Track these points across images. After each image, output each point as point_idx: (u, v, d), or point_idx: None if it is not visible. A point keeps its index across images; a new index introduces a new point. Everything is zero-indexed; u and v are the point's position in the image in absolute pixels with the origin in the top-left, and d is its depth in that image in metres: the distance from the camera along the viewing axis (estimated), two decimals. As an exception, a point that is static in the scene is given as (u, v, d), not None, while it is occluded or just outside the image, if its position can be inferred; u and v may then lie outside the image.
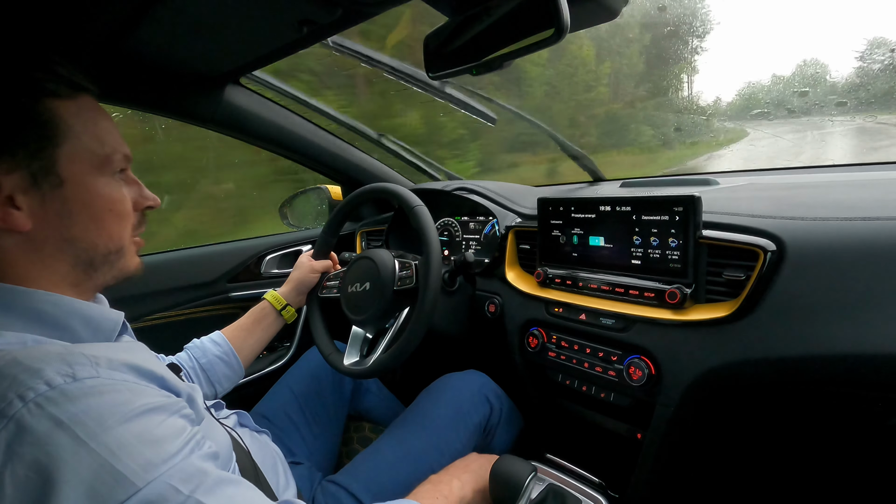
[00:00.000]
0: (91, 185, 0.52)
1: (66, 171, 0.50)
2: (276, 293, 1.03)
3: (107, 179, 0.54)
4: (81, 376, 0.41)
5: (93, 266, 0.54)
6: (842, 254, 0.68)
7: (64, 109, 0.51)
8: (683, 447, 0.92)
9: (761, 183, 1.13)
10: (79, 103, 0.53)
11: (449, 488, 0.73)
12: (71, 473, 0.36)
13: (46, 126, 0.49)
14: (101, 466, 0.37)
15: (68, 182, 0.50)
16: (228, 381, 0.93)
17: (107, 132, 0.55)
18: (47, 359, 0.41)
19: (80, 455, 0.37)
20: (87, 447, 0.37)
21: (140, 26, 0.78)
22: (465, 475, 0.78)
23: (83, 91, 0.54)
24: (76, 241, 0.52)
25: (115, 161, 0.55)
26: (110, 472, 0.37)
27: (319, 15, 0.75)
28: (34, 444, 0.37)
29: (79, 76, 0.53)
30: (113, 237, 0.55)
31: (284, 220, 1.66)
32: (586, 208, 0.95)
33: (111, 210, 0.54)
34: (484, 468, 0.81)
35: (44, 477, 0.36)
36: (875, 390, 0.71)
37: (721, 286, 0.80)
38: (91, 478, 0.37)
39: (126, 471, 0.38)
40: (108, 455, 0.38)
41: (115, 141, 0.55)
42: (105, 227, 0.54)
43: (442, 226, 1.37)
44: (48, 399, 0.38)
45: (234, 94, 1.15)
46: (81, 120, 0.52)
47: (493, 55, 0.67)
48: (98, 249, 0.54)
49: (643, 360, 0.85)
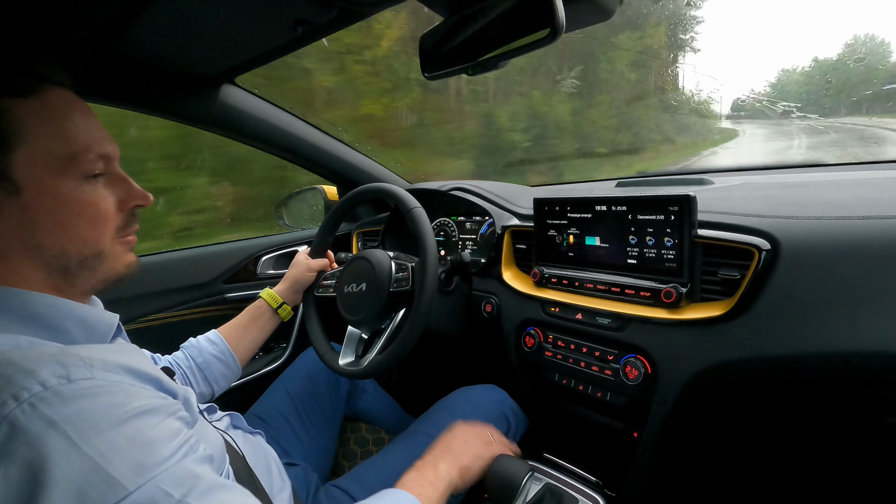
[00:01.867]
0: (54, 189, 0.48)
1: (23, 178, 0.46)
2: (272, 291, 1.03)
3: (74, 182, 0.50)
4: (76, 377, 0.41)
5: (69, 272, 0.51)
6: (836, 252, 0.69)
7: (21, 109, 0.47)
8: (680, 445, 0.92)
9: (756, 182, 1.13)
10: (43, 100, 0.48)
11: (434, 473, 0.72)
12: (61, 475, 0.36)
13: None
14: (92, 469, 0.37)
15: (26, 188, 0.47)
16: (225, 379, 0.93)
17: (77, 130, 0.50)
18: (42, 360, 0.41)
19: (71, 457, 0.37)
20: (78, 450, 0.37)
21: (134, 26, 0.78)
22: (448, 456, 0.76)
23: (53, 85, 0.50)
24: (43, 249, 0.49)
25: (84, 161, 0.50)
26: (101, 476, 0.37)
27: (315, 15, 0.75)
28: (27, 444, 0.37)
29: (49, 68, 0.49)
30: (87, 242, 0.52)
31: (280, 220, 1.65)
32: (582, 208, 0.95)
33: (80, 214, 0.50)
34: (464, 446, 0.79)
35: (34, 477, 0.36)
36: (870, 388, 0.71)
37: (716, 285, 0.80)
38: (81, 480, 0.37)
39: (117, 474, 0.38)
40: (100, 458, 0.38)
41: (88, 139, 0.51)
42: (75, 233, 0.50)
43: (438, 226, 1.37)
44: (42, 400, 0.38)
45: (230, 94, 1.15)
46: (43, 119, 0.48)
47: (488, 55, 0.68)
48: (71, 255, 0.51)
49: (639, 359, 0.85)
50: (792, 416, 0.89)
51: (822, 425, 0.88)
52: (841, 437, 0.88)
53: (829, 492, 0.98)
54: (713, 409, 0.89)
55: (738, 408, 0.90)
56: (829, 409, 0.82)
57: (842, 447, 0.91)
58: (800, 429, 0.91)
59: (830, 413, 0.83)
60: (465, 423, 0.85)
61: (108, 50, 0.86)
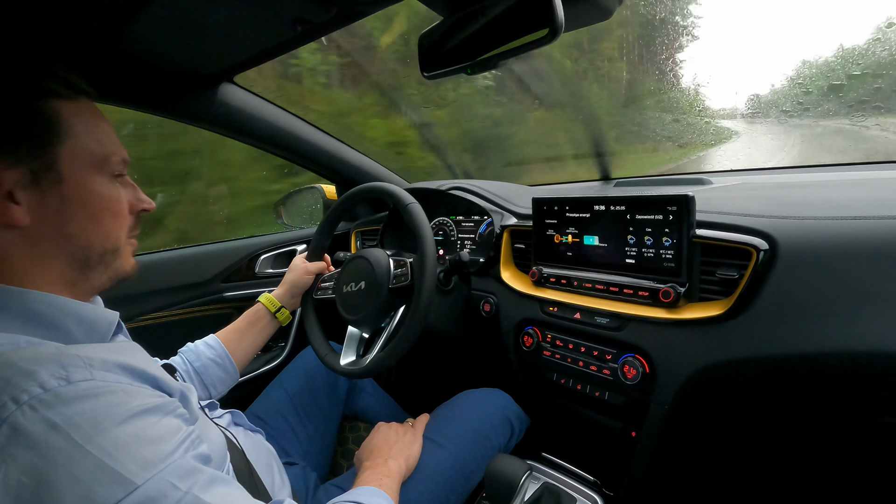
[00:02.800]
0: (89, 183, 0.53)
1: (66, 169, 0.51)
2: (271, 296, 1.03)
3: (105, 179, 0.54)
4: (75, 379, 0.41)
5: (88, 265, 0.54)
6: (833, 252, 0.69)
7: (66, 109, 0.51)
8: (677, 445, 0.92)
9: (754, 182, 1.14)
10: (79, 105, 0.53)
11: (386, 468, 0.77)
12: (67, 476, 0.36)
13: (49, 124, 0.50)
14: (98, 467, 0.37)
15: (67, 179, 0.51)
16: (223, 384, 0.92)
17: (105, 135, 0.55)
18: (41, 361, 0.41)
19: (76, 458, 0.37)
20: (83, 450, 0.37)
21: (133, 24, 0.78)
22: (392, 452, 0.82)
23: (83, 94, 0.54)
24: (73, 239, 0.52)
25: (112, 163, 0.55)
26: (108, 473, 0.38)
27: (314, 13, 0.75)
28: (29, 447, 0.37)
29: (79, 79, 0.54)
30: (109, 236, 0.55)
31: (279, 219, 1.65)
32: (581, 208, 0.95)
33: (108, 209, 0.55)
34: (404, 438, 0.86)
35: (38, 480, 0.36)
36: (866, 388, 0.72)
37: (714, 285, 0.80)
38: (88, 479, 0.37)
39: (123, 470, 0.38)
40: (105, 456, 0.38)
41: (114, 144, 0.56)
42: (102, 226, 0.54)
43: (437, 225, 1.37)
44: (42, 402, 0.38)
45: (228, 93, 1.15)
46: (81, 121, 0.53)
47: (487, 55, 0.68)
48: (94, 248, 0.54)
49: (637, 358, 0.85)
50: (789, 416, 0.89)
51: (818, 425, 0.88)
52: (837, 436, 0.89)
53: (825, 491, 0.98)
54: (711, 409, 0.89)
55: (735, 407, 0.90)
56: (825, 409, 0.82)
57: (838, 447, 0.91)
58: (796, 428, 0.91)
59: (827, 413, 0.83)
60: (385, 425, 0.90)
61: (106, 48, 0.86)
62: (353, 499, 0.65)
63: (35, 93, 0.50)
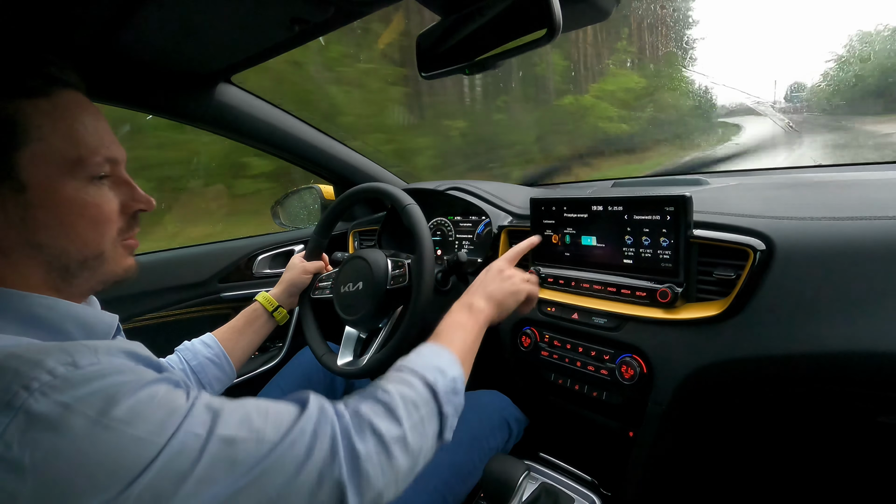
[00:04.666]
0: (58, 189, 0.49)
1: (28, 176, 0.47)
2: (268, 295, 1.02)
3: (78, 183, 0.50)
4: (82, 363, 0.40)
5: (69, 272, 0.52)
6: (830, 253, 0.69)
7: (33, 109, 0.47)
8: (675, 444, 0.93)
9: (751, 183, 1.14)
10: (55, 101, 0.49)
11: (468, 314, 0.73)
12: (93, 451, 0.37)
13: (7, 127, 0.46)
14: (120, 437, 0.38)
15: (31, 187, 0.47)
16: (219, 383, 0.92)
17: (86, 132, 0.51)
18: (46, 350, 0.41)
19: (96, 432, 0.37)
20: (101, 423, 0.37)
21: (130, 24, 0.77)
22: (482, 291, 0.77)
23: (65, 87, 0.51)
24: (44, 248, 0.49)
25: (91, 164, 0.51)
26: (130, 440, 0.38)
27: (311, 13, 0.75)
28: (48, 429, 0.37)
29: (61, 70, 0.50)
30: (88, 243, 0.52)
31: (276, 219, 1.65)
32: (578, 208, 0.95)
33: (82, 215, 0.51)
34: (498, 284, 0.79)
35: (64, 460, 0.36)
36: (862, 387, 0.72)
37: (712, 285, 0.80)
38: (113, 450, 0.37)
39: (145, 434, 0.38)
40: (125, 426, 0.38)
41: (96, 141, 0.52)
42: (77, 233, 0.51)
43: (435, 225, 1.37)
44: (52, 387, 0.38)
45: (226, 93, 1.15)
46: (52, 120, 0.48)
47: (485, 55, 0.68)
48: (71, 255, 0.51)
49: (635, 358, 0.85)
50: (785, 416, 0.90)
51: (815, 424, 0.89)
52: (834, 435, 0.89)
53: (822, 490, 0.98)
54: (708, 409, 0.90)
55: (732, 407, 0.91)
56: (822, 409, 0.83)
57: (834, 446, 0.91)
58: (793, 428, 0.91)
59: (823, 412, 0.83)
60: (500, 262, 0.84)
61: (103, 48, 0.86)
62: (411, 365, 0.60)
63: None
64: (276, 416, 0.46)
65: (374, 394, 0.55)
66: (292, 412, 0.48)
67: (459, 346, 0.67)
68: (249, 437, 0.42)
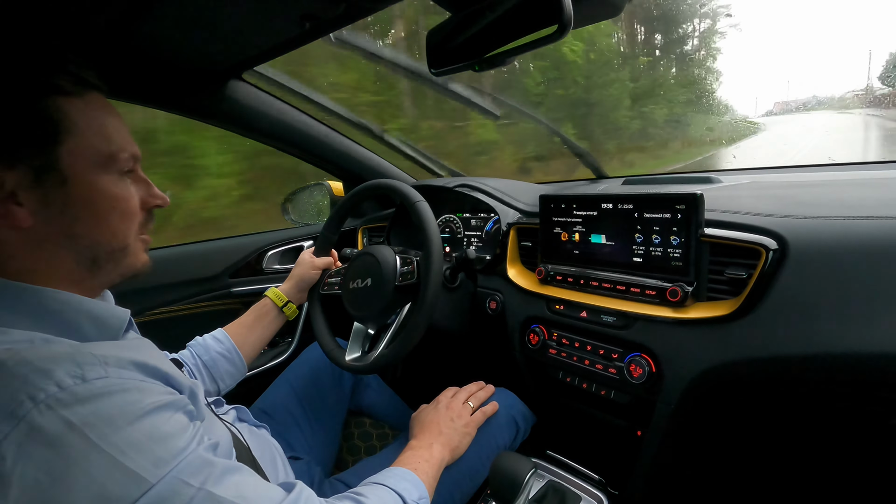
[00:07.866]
0: (94, 182, 0.52)
1: (69, 169, 0.50)
2: (278, 290, 1.03)
3: (111, 177, 0.53)
4: (91, 377, 0.41)
5: (97, 263, 0.54)
6: (844, 253, 0.68)
7: (70, 106, 0.50)
8: (683, 445, 0.92)
9: (763, 181, 1.13)
10: (86, 100, 0.52)
11: (429, 452, 0.78)
12: (83, 475, 0.37)
13: (51, 123, 0.49)
14: (113, 466, 0.38)
15: (71, 179, 0.50)
16: (231, 377, 0.93)
17: (114, 130, 0.54)
18: (57, 359, 0.41)
19: (91, 457, 0.38)
20: (98, 449, 0.38)
21: (141, 20, 0.78)
22: (441, 438, 0.83)
23: (92, 89, 0.53)
24: (79, 238, 0.52)
25: (120, 160, 0.54)
26: (122, 471, 0.38)
27: (322, 10, 0.75)
28: (46, 445, 0.37)
29: (88, 74, 0.53)
30: (117, 235, 0.55)
31: (286, 215, 1.66)
32: (588, 205, 0.94)
33: (114, 208, 0.54)
34: (451, 428, 0.86)
35: (54, 478, 0.37)
36: (876, 389, 0.71)
37: (723, 284, 0.80)
38: (103, 478, 0.38)
39: (138, 468, 0.39)
40: (120, 455, 0.39)
41: (123, 139, 0.55)
42: (108, 225, 0.53)
43: (443, 222, 1.37)
44: (59, 401, 0.39)
45: (236, 90, 1.15)
46: (87, 117, 0.52)
47: (495, 51, 0.67)
48: (101, 247, 0.54)
49: (644, 357, 0.85)
50: (796, 417, 0.89)
51: (826, 426, 0.88)
52: (845, 438, 0.88)
53: (832, 492, 0.97)
54: (717, 409, 0.89)
55: (742, 407, 0.90)
56: (833, 411, 0.82)
57: (845, 448, 0.90)
58: (804, 429, 0.90)
59: (835, 414, 0.82)
60: (447, 399, 0.93)
61: (114, 44, 0.87)
62: (382, 481, 0.66)
63: (37, 91, 0.49)
64: (266, 492, 0.49)
65: (351, 496, 0.60)
66: (280, 494, 0.50)
67: (424, 473, 0.73)
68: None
